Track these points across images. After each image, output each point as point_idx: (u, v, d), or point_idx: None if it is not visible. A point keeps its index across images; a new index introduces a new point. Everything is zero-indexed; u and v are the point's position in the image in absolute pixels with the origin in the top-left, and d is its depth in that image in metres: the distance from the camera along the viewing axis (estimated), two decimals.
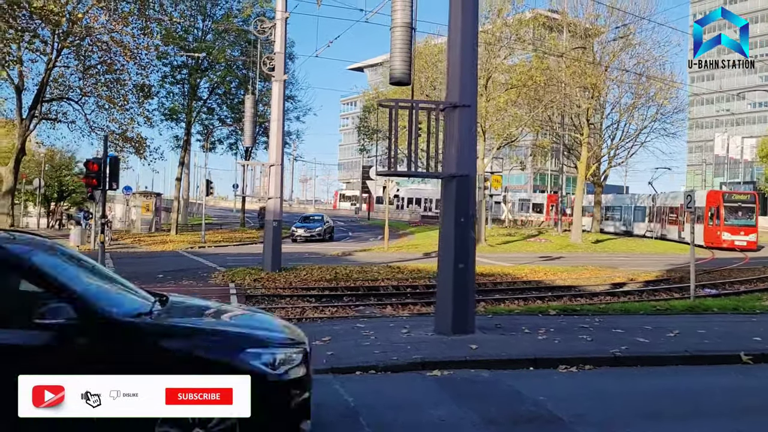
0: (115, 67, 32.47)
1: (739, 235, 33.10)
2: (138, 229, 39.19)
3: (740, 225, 33.48)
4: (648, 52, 34.68)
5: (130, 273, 18.36)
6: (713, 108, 77.55)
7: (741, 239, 33.07)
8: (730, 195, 36.44)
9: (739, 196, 36.81)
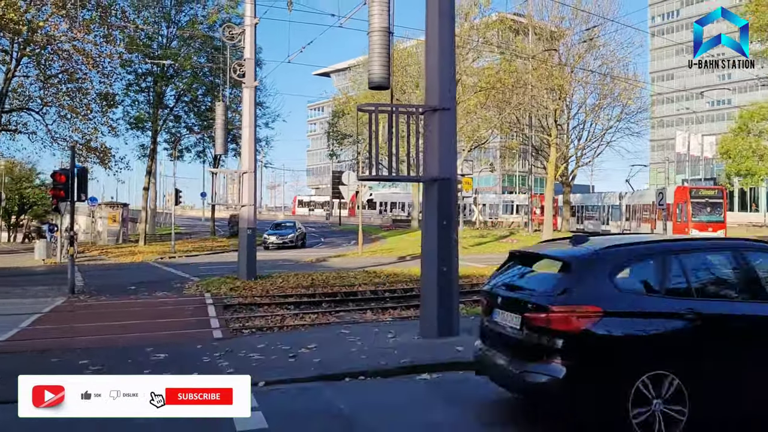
0: (77, 76, 31.82)
1: (707, 231, 32.68)
2: (104, 241, 38.42)
3: (708, 221, 33.05)
4: (612, 53, 35.43)
5: (101, 285, 18.06)
6: (674, 107, 79.39)
7: (706, 235, 33.01)
8: (697, 191, 35.68)
9: (706, 191, 36.00)
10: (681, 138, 67.82)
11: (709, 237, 24.32)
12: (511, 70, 35.79)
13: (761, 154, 45.98)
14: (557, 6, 34.52)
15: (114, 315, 12.76)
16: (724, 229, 33.73)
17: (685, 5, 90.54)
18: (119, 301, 15.06)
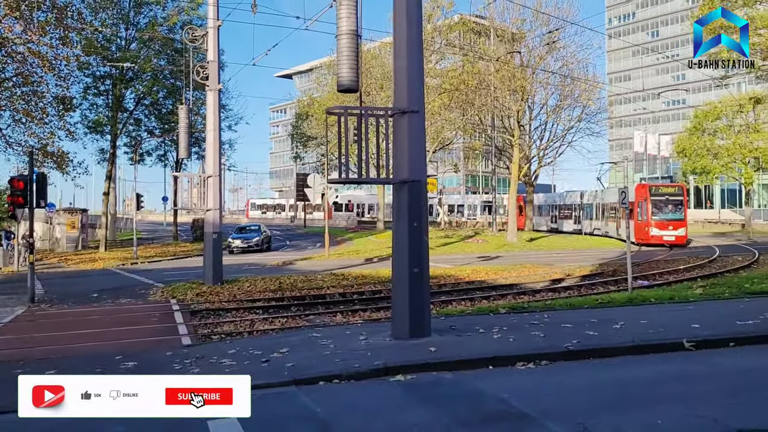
0: (32, 79, 30.99)
1: (668, 230, 32.20)
2: (63, 248, 37.47)
3: (668, 219, 32.47)
4: (572, 54, 36.10)
5: (62, 293, 17.65)
6: (631, 107, 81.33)
7: (670, 234, 32.18)
8: (657, 188, 35.06)
9: (666, 189, 35.33)
10: (639, 137, 69.49)
11: None
12: (474, 72, 36.19)
13: (715, 153, 47.40)
14: (518, 8, 35.02)
15: (78, 323, 12.49)
16: (685, 227, 33.15)
17: (641, 8, 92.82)
18: (82, 309, 14.73)
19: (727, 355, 8.02)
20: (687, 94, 76.43)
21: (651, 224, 32.28)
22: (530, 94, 37.09)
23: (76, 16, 31.42)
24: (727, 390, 6.50)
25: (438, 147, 39.15)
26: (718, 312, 10.76)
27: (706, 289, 13.76)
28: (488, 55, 36.20)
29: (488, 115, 39.88)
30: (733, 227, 51.57)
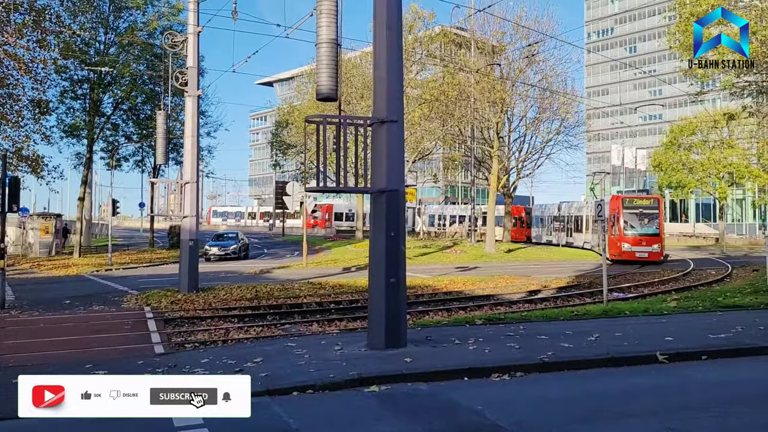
0: (7, 82, 30.53)
1: (641, 245, 29.61)
2: (36, 253, 36.82)
3: (642, 234, 30.03)
4: (551, 68, 36.48)
5: (33, 300, 17.32)
6: (609, 121, 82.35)
7: (642, 251, 29.59)
8: (631, 200, 32.39)
9: (640, 201, 32.56)
10: (616, 151, 70.35)
11: None
12: (455, 83, 36.40)
13: (690, 167, 48.15)
14: (499, 21, 35.34)
15: (49, 330, 12.26)
16: (660, 243, 30.49)
17: (619, 23, 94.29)
18: (54, 315, 14.46)
19: (700, 368, 8.11)
20: (663, 109, 77.67)
21: (623, 239, 29.90)
22: (510, 106, 37.39)
23: (54, 19, 31.05)
24: (699, 403, 6.55)
25: (417, 157, 39.30)
26: (692, 325, 10.88)
27: (680, 303, 13.92)
28: (468, 67, 36.45)
29: (468, 126, 40.10)
30: (707, 241, 52.38)
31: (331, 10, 9.03)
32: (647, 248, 29.73)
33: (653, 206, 31.51)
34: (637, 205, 31.61)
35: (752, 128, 42.45)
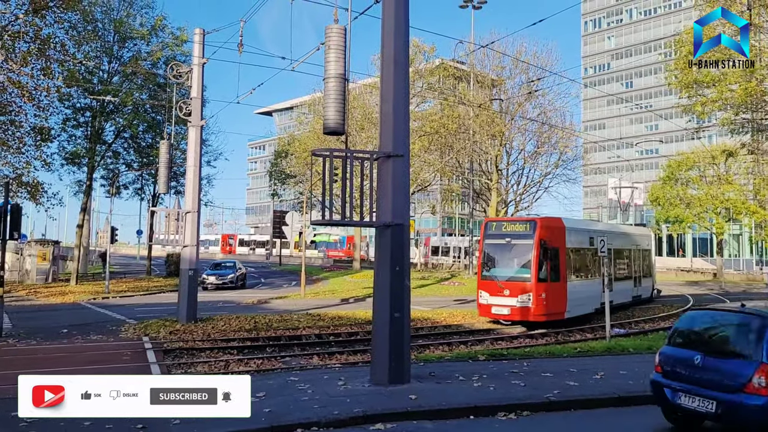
0: (10, 109, 30.72)
1: (500, 295, 18.75)
2: (33, 280, 36.59)
3: (504, 278, 19.06)
4: (550, 102, 36.88)
5: (31, 328, 17.13)
6: (606, 155, 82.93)
7: (502, 304, 18.69)
8: (499, 225, 20.76)
9: (510, 226, 20.16)
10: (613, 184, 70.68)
11: None
12: (454, 116, 36.73)
13: (688, 202, 48.33)
14: (498, 56, 35.80)
15: (46, 361, 12.11)
16: (536, 293, 18.14)
17: (616, 59, 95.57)
18: (51, 345, 14.30)
19: None
20: (660, 144, 78.25)
21: (480, 285, 19.90)
22: (509, 139, 37.70)
23: (59, 48, 31.33)
24: None
25: (416, 189, 39.40)
26: None
27: None
28: (468, 100, 36.82)
29: (467, 159, 40.35)
30: (705, 276, 52.32)
31: (340, 46, 9.15)
32: (509, 301, 18.51)
33: (527, 233, 18.95)
34: (504, 233, 19.80)
35: (749, 164, 42.74)
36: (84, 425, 6.85)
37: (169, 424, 6.97)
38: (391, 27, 9.32)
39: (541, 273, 18.63)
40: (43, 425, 5.12)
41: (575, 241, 20.79)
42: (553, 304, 18.79)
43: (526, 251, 18.78)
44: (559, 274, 19.31)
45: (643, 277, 26.68)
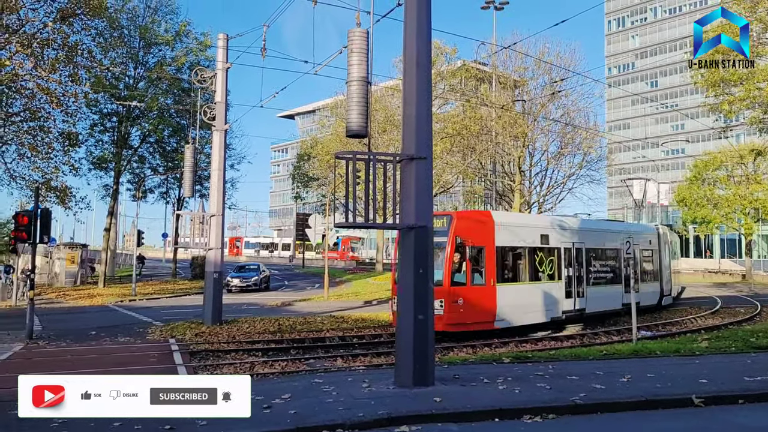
0: (39, 115, 31.33)
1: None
2: (62, 283, 37.28)
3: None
4: (573, 102, 36.54)
5: (60, 330, 17.46)
6: (631, 155, 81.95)
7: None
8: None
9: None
10: (638, 185, 69.80)
11: None
12: (477, 118, 36.60)
13: (715, 203, 47.56)
14: (521, 57, 35.60)
15: (76, 362, 12.32)
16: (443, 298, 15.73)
17: (640, 58, 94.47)
18: (80, 347, 14.56)
19: (738, 413, 7.89)
20: (686, 143, 77.16)
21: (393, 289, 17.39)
22: (531, 140, 37.44)
23: (86, 54, 31.92)
24: None
25: (439, 190, 39.33)
26: (726, 367, 10.62)
27: (711, 342, 13.61)
28: (490, 102, 36.66)
29: (489, 160, 40.13)
30: (733, 277, 51.38)
31: (362, 49, 9.18)
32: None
33: (442, 230, 16.38)
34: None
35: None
36: (114, 426, 6.96)
37: (195, 425, 7.10)
38: (413, 29, 9.33)
39: (457, 276, 16.20)
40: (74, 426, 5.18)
41: (512, 239, 17.82)
42: (475, 312, 16.29)
43: (440, 250, 16.03)
44: (484, 276, 16.62)
45: (646, 281, 23.74)
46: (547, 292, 18.38)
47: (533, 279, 18.28)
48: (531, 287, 18.08)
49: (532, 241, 18.38)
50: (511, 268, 17.93)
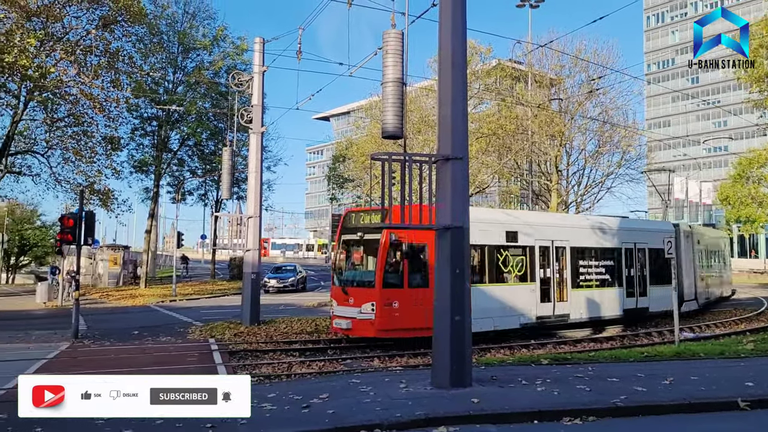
0: (83, 120, 32.24)
1: (345, 304, 15.26)
2: (105, 284, 38.25)
3: (350, 282, 15.72)
4: (612, 100, 35.94)
5: (104, 330, 17.91)
6: (671, 153, 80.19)
7: (343, 315, 15.25)
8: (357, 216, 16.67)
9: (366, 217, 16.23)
10: (679, 184, 68.30)
11: None
12: (512, 117, 36.29)
13: (760, 201, 46.17)
14: (557, 55, 35.17)
15: (120, 361, 12.63)
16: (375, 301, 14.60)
17: (681, 54, 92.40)
18: (124, 346, 14.92)
19: None
20: (730, 141, 75.18)
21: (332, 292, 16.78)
22: (568, 139, 36.94)
23: (127, 60, 32.74)
24: None
25: (475, 191, 39.07)
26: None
27: (758, 345, 13.24)
28: (526, 101, 36.32)
29: (525, 160, 39.74)
30: None
31: (397, 50, 9.22)
32: (351, 311, 15.04)
33: (372, 228, 15.31)
34: (358, 226, 16.01)
35: None
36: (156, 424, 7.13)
37: (236, 423, 7.22)
38: (448, 29, 9.30)
39: (392, 276, 14.64)
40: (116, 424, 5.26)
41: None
42: (415, 317, 14.33)
43: (375, 248, 14.94)
44: (426, 277, 14.55)
45: (658, 284, 20.80)
46: (516, 296, 16.62)
47: (497, 281, 16.46)
48: (493, 289, 16.25)
49: (495, 239, 16.43)
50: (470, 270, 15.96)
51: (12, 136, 32.23)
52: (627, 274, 20.07)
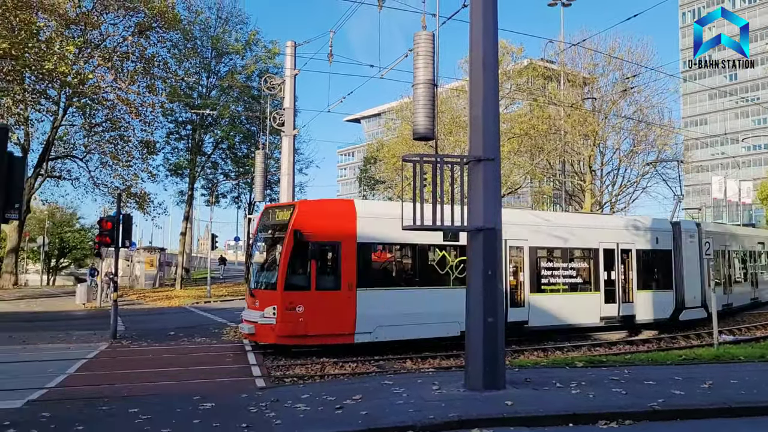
0: (120, 125, 32.98)
1: (252, 308, 14.51)
2: (142, 285, 38.98)
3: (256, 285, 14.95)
4: (647, 99, 35.35)
5: (141, 330, 18.27)
6: (709, 152, 78.51)
7: (249, 320, 14.32)
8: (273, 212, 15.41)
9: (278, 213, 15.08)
10: (717, 183, 66.78)
11: None
12: (545, 117, 35.95)
13: None
14: (590, 53, 34.74)
15: (157, 361, 12.86)
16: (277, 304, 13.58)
17: (718, 50, 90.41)
18: (161, 347, 15.18)
19: None
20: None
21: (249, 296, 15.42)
22: (602, 139, 36.45)
23: (162, 66, 33.39)
24: None
25: (507, 192, 38.78)
26: None
27: None
28: (559, 100, 35.94)
29: (558, 160, 39.30)
30: None
31: (428, 52, 9.23)
32: (255, 315, 14.12)
33: (284, 223, 14.23)
34: (270, 224, 15.11)
35: None
36: (193, 423, 7.25)
37: (270, 424, 7.30)
38: (479, 30, 9.26)
39: (296, 278, 13.62)
40: None
41: (386, 234, 14.35)
42: (322, 323, 13.58)
43: (278, 243, 13.99)
44: (338, 279, 13.84)
45: (642, 289, 18.84)
46: (448, 301, 14.74)
47: (425, 284, 14.98)
48: (417, 294, 14.85)
49: (422, 238, 14.68)
50: (384, 271, 14.82)
51: (52, 142, 33.15)
52: (606, 278, 17.97)
